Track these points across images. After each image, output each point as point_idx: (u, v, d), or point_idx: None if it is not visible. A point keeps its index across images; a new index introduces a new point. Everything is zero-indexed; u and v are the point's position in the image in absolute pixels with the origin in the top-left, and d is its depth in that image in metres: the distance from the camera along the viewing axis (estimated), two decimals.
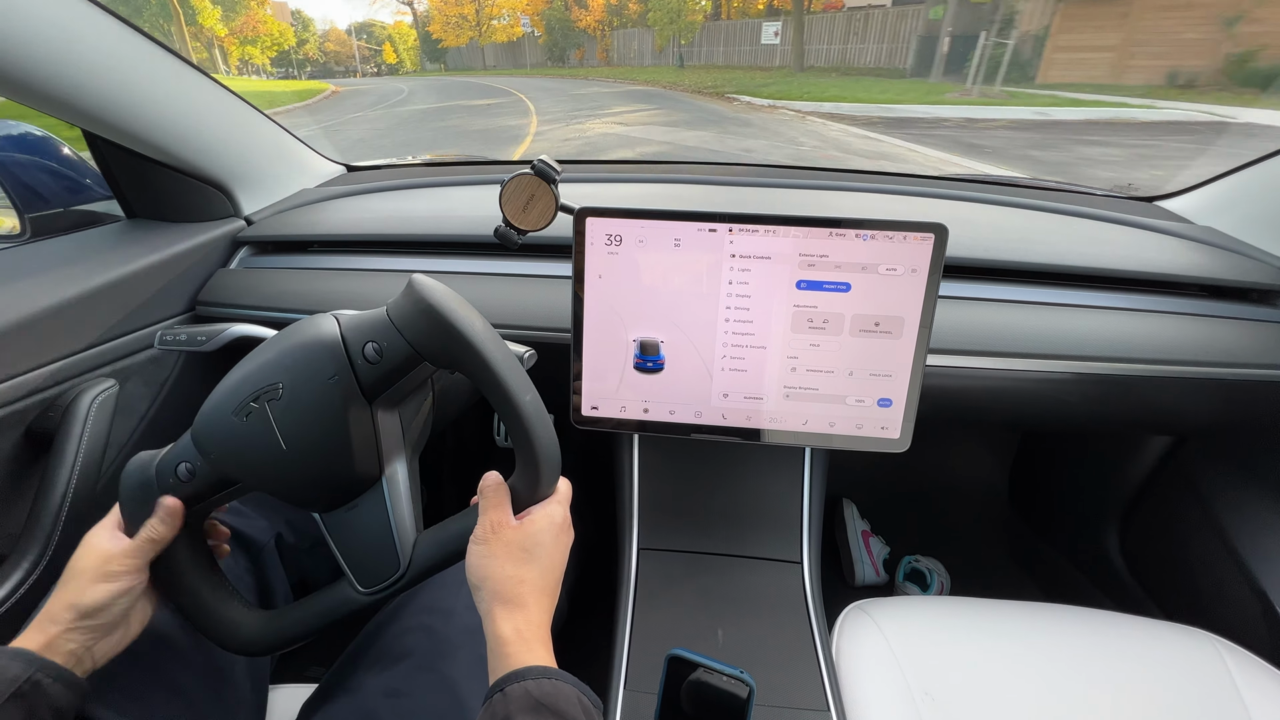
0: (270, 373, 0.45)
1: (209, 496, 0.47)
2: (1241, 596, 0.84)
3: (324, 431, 0.44)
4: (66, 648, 0.42)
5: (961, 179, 1.08)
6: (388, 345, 0.44)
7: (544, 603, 0.43)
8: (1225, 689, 0.61)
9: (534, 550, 0.43)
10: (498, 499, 0.44)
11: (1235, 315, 0.77)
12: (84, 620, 0.42)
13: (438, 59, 45.77)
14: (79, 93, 0.66)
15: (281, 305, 0.80)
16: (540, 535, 0.44)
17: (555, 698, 0.37)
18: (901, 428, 0.63)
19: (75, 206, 0.93)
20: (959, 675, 0.62)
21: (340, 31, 68.15)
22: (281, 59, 61.58)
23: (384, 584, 0.46)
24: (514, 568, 0.42)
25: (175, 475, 0.46)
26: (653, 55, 25.51)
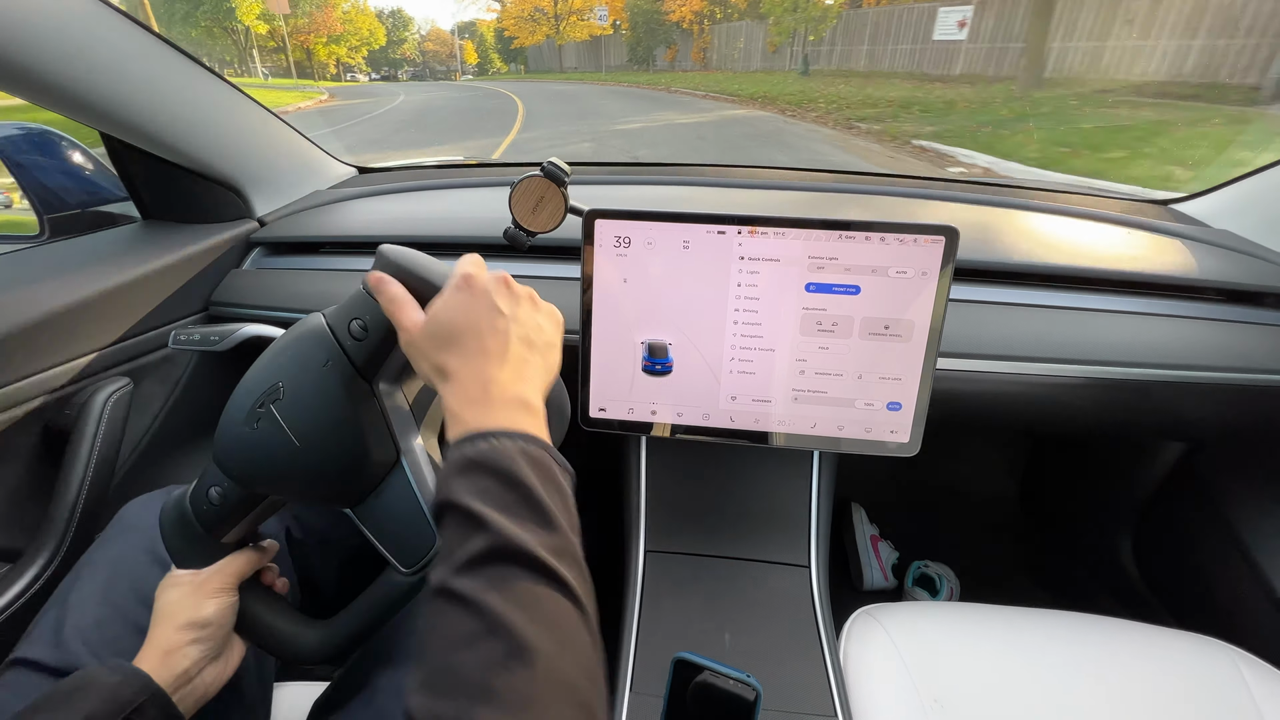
0: (268, 376, 0.46)
1: (244, 515, 0.48)
2: (1258, 605, 0.83)
3: (332, 419, 0.45)
4: (181, 666, 0.44)
5: (972, 181, 1.07)
6: (370, 318, 0.45)
7: (471, 364, 0.39)
8: (1241, 700, 0.60)
9: (442, 326, 0.41)
10: (396, 306, 0.42)
11: (1252, 320, 0.75)
12: (201, 632, 0.45)
13: (514, 59, 42.65)
14: (96, 94, 0.67)
15: (294, 306, 0.80)
16: (442, 310, 0.41)
17: (488, 454, 0.35)
18: (911, 432, 0.63)
19: (92, 208, 0.94)
20: (968, 683, 0.61)
21: (442, 31, 65.40)
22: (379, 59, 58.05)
23: (425, 559, 0.47)
24: (433, 351, 0.40)
25: (208, 501, 0.47)
26: (763, 56, 19.33)
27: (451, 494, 0.34)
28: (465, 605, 0.30)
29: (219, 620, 0.47)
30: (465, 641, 0.29)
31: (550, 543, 0.33)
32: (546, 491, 0.35)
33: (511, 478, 0.34)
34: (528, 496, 0.34)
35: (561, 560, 0.33)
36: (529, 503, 0.34)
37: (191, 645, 0.45)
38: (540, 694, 0.28)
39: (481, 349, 0.40)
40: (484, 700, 0.27)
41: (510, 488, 0.34)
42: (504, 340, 0.41)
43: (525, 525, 0.33)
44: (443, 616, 0.30)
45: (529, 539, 0.32)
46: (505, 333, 0.41)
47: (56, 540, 0.66)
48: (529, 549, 0.32)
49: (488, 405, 0.38)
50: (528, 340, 0.42)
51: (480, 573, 0.31)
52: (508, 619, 0.29)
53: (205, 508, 0.47)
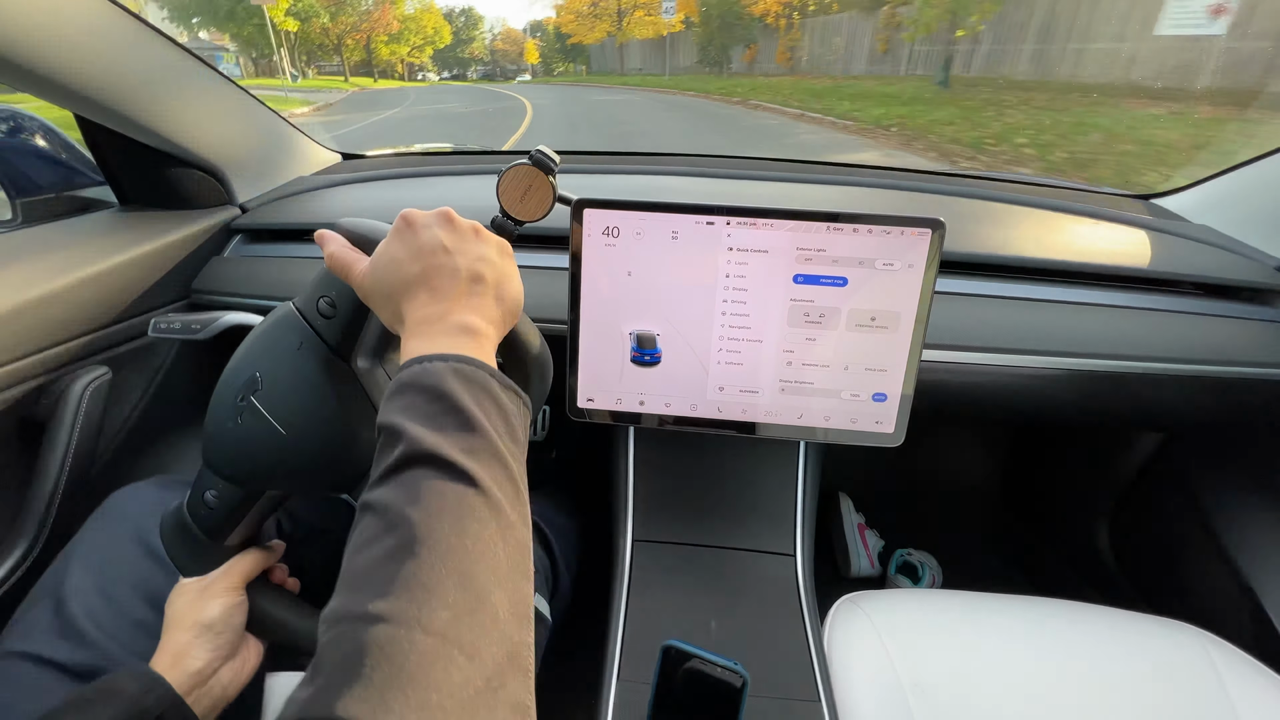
0: (244, 368, 0.45)
1: (243, 515, 0.48)
2: (1227, 591, 0.85)
3: (313, 401, 0.44)
4: (194, 666, 0.44)
5: (959, 175, 1.08)
6: (337, 293, 0.44)
7: (416, 299, 0.40)
8: (1211, 682, 0.62)
9: (386, 273, 0.41)
10: (344, 269, 0.43)
11: (1229, 314, 0.77)
12: (209, 632, 0.46)
13: (575, 58, 39.08)
14: (70, 75, 0.65)
15: (276, 294, 0.79)
16: (383, 256, 0.41)
17: (417, 375, 0.35)
18: (896, 422, 0.63)
19: (67, 192, 0.92)
20: (948, 667, 0.63)
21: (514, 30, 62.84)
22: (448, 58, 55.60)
23: None
24: (386, 299, 0.41)
25: (205, 506, 0.47)
26: (870, 58, 14.42)
27: (381, 416, 0.34)
28: (373, 511, 0.30)
29: (226, 620, 0.47)
30: (368, 542, 0.29)
31: (465, 444, 0.33)
32: (475, 400, 0.35)
33: (436, 391, 0.34)
34: (450, 406, 0.34)
35: (476, 458, 0.32)
36: (450, 410, 0.34)
37: (201, 647, 0.45)
38: (426, 576, 0.27)
39: (428, 286, 0.40)
40: (370, 587, 0.27)
41: (433, 400, 0.34)
42: (449, 275, 0.40)
43: (441, 431, 0.33)
44: (358, 528, 0.31)
45: (440, 441, 0.32)
46: (450, 267, 0.41)
47: (34, 531, 0.65)
48: (436, 449, 0.32)
49: (430, 336, 0.38)
50: (474, 273, 0.41)
51: (391, 480, 0.31)
52: (405, 515, 0.29)
53: (203, 513, 0.47)
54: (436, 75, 53.43)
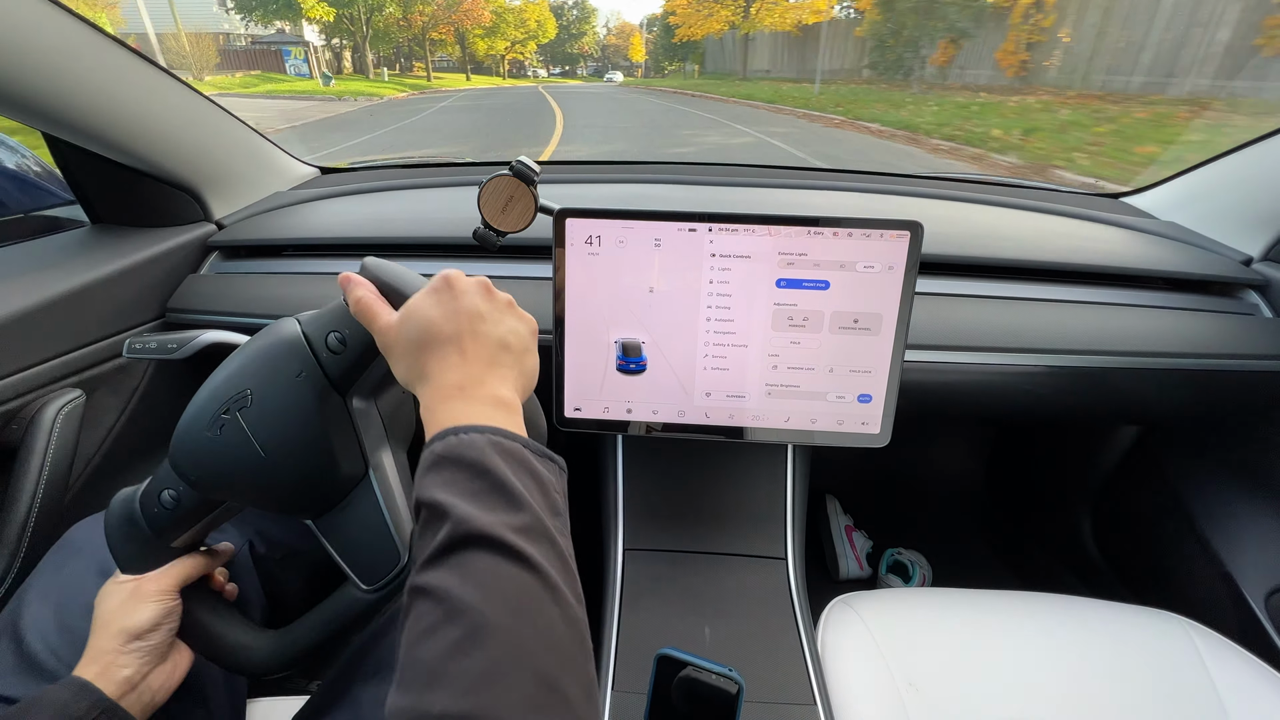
0: (237, 381, 0.44)
1: (197, 521, 0.46)
2: (1208, 578, 0.87)
3: (300, 431, 0.43)
4: (122, 674, 0.42)
5: (935, 177, 1.10)
6: (350, 332, 0.44)
7: (448, 361, 0.39)
8: (1194, 668, 0.63)
9: (418, 329, 0.40)
10: (369, 312, 0.42)
11: (1197, 307, 0.79)
12: (135, 642, 0.43)
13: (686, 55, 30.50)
14: (38, 94, 0.64)
15: (255, 311, 0.78)
16: (415, 312, 0.41)
17: (456, 448, 0.34)
18: (881, 423, 0.64)
19: (36, 212, 0.90)
20: (940, 665, 0.63)
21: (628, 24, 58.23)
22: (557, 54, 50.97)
23: (387, 578, 0.45)
24: (411, 353, 0.40)
25: (160, 504, 0.45)
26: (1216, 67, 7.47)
27: (423, 491, 0.34)
28: (429, 596, 0.29)
29: (156, 626, 0.45)
30: (428, 632, 0.28)
31: (515, 522, 0.32)
32: (517, 476, 0.34)
33: (478, 466, 0.34)
34: (495, 482, 0.33)
35: (527, 537, 0.32)
36: (496, 488, 0.33)
37: (130, 654, 0.43)
38: (496, 670, 0.27)
39: (459, 349, 0.40)
40: (441, 685, 0.26)
41: (477, 476, 0.33)
42: (482, 342, 0.40)
43: (489, 508, 0.32)
44: (413, 614, 0.30)
45: (491, 520, 0.31)
46: (484, 335, 0.41)
47: (6, 561, 0.63)
48: (489, 530, 0.31)
49: (463, 403, 0.37)
50: (505, 343, 0.42)
51: (444, 562, 0.30)
52: (465, 601, 0.28)
53: (156, 510, 0.45)
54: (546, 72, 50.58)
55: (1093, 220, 0.95)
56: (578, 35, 52.89)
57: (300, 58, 25.23)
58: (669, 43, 31.81)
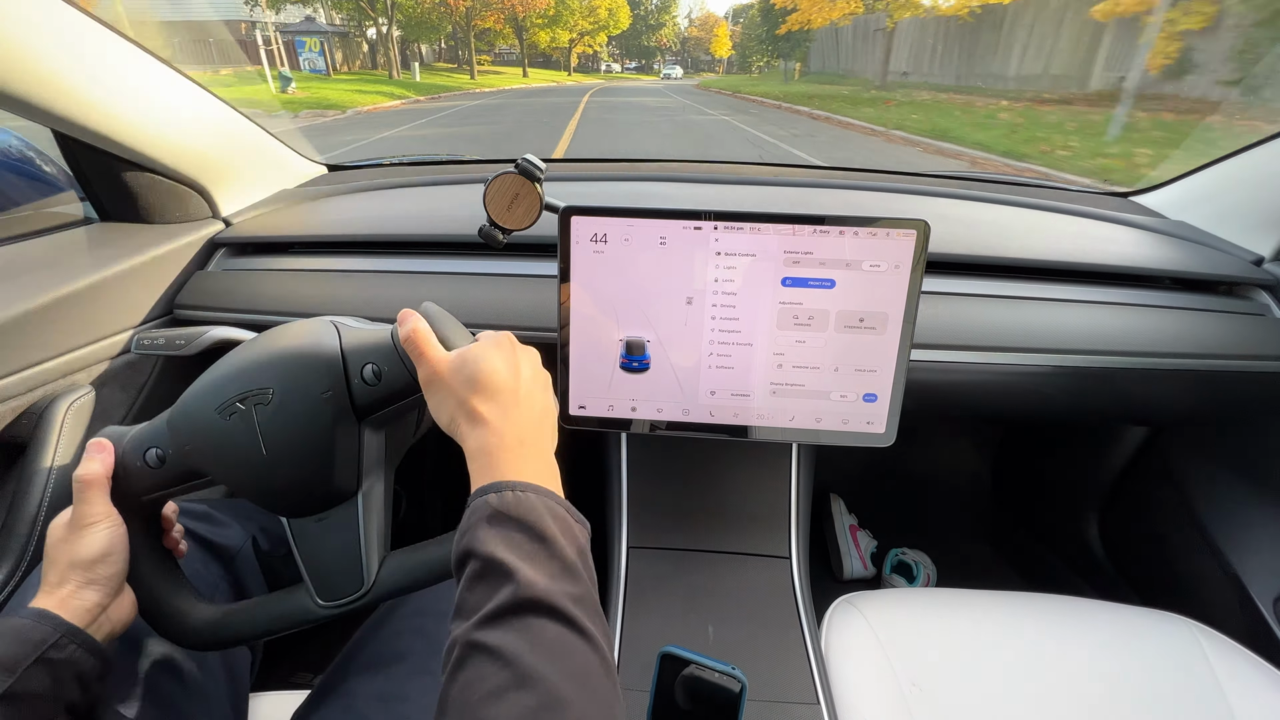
0: (262, 376, 0.44)
1: (174, 486, 0.45)
2: (1216, 581, 0.86)
3: (308, 444, 0.44)
4: (82, 605, 0.41)
5: (942, 175, 1.10)
6: (389, 370, 0.44)
7: (506, 412, 0.41)
8: (1202, 672, 0.62)
9: (477, 373, 0.41)
10: (420, 347, 0.43)
11: (1207, 308, 0.78)
12: (89, 573, 0.42)
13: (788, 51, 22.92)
14: (48, 92, 0.64)
15: (262, 308, 0.79)
16: (480, 357, 0.42)
17: (515, 506, 0.36)
18: (887, 422, 0.64)
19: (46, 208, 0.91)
20: (945, 665, 0.63)
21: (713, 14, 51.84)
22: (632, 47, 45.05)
23: (344, 600, 0.45)
24: (458, 394, 0.41)
25: (144, 460, 0.44)
26: None
27: (480, 543, 0.35)
28: (495, 658, 0.30)
29: (104, 556, 0.43)
30: (496, 695, 0.29)
31: (575, 592, 0.34)
32: (570, 544, 0.36)
33: (537, 531, 0.35)
34: (555, 551, 0.35)
35: (585, 610, 0.33)
36: (555, 556, 0.35)
37: (84, 587, 0.42)
38: None
39: (517, 404, 0.42)
40: None
41: (535, 539, 0.35)
42: (536, 402, 0.43)
43: (550, 575, 0.34)
44: (473, 670, 0.30)
45: (554, 588, 0.33)
46: (537, 396, 0.44)
47: (17, 556, 0.64)
48: (554, 599, 0.32)
49: (522, 458, 0.40)
50: (548, 409, 0.45)
51: (509, 624, 0.31)
52: (538, 670, 0.29)
53: (138, 465, 0.44)
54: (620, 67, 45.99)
55: (1102, 219, 0.95)
56: (656, 26, 47.37)
57: (315, 50, 20.83)
58: (769, 34, 22.76)
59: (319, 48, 20.68)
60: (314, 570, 0.46)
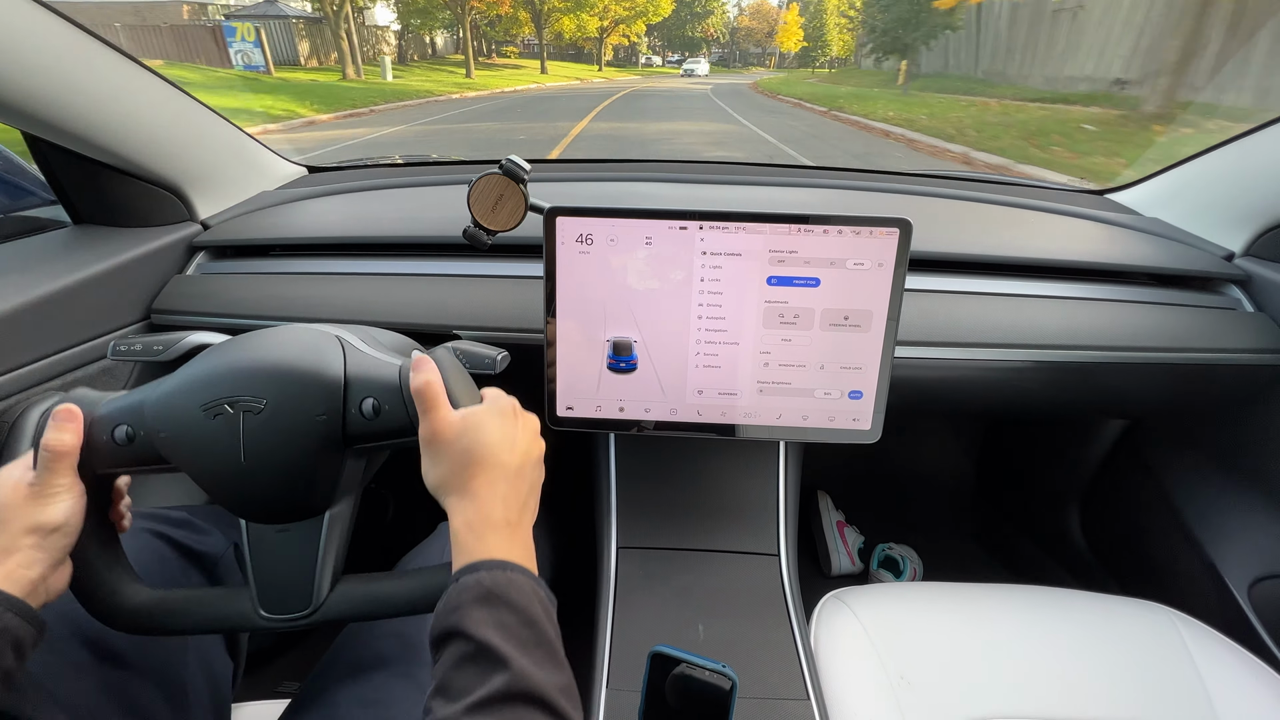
0: (257, 384, 0.43)
1: (136, 466, 0.44)
2: (1193, 569, 0.88)
3: (289, 461, 0.43)
4: (28, 576, 0.40)
5: (923, 175, 1.11)
6: (388, 409, 0.43)
7: (495, 490, 0.41)
8: (1180, 658, 0.64)
9: (478, 443, 0.42)
10: (430, 403, 0.43)
11: (1181, 302, 0.80)
12: (43, 541, 0.40)
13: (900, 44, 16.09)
14: (17, 93, 0.63)
15: (242, 312, 0.77)
16: (482, 427, 0.42)
17: (507, 588, 0.37)
18: (873, 419, 0.64)
19: (17, 213, 0.88)
20: (932, 658, 0.64)
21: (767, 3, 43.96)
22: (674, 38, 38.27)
23: (287, 616, 0.45)
24: (459, 464, 0.41)
25: (111, 436, 0.43)
26: None
27: (472, 625, 0.35)
28: None
29: (62, 526, 0.41)
30: None
31: (561, 683, 0.35)
32: (553, 629, 0.37)
33: (527, 616, 0.36)
34: (543, 637, 0.36)
35: (569, 699, 0.35)
36: (543, 644, 0.36)
37: (40, 553, 0.40)
38: None
39: (510, 482, 0.42)
40: None
41: (526, 625, 0.36)
42: (527, 482, 0.44)
43: (540, 664, 0.35)
44: None
45: (545, 680, 0.34)
46: (529, 477, 0.44)
47: None
48: (545, 693, 0.33)
49: (510, 539, 0.40)
50: (536, 487, 0.46)
51: (501, 714, 0.32)
52: None
53: (105, 439, 0.43)
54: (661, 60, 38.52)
55: (1077, 217, 0.96)
56: (702, 15, 40.68)
57: (250, 39, 14.42)
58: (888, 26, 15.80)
59: (254, 36, 14.37)
60: (263, 579, 0.45)
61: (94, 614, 0.45)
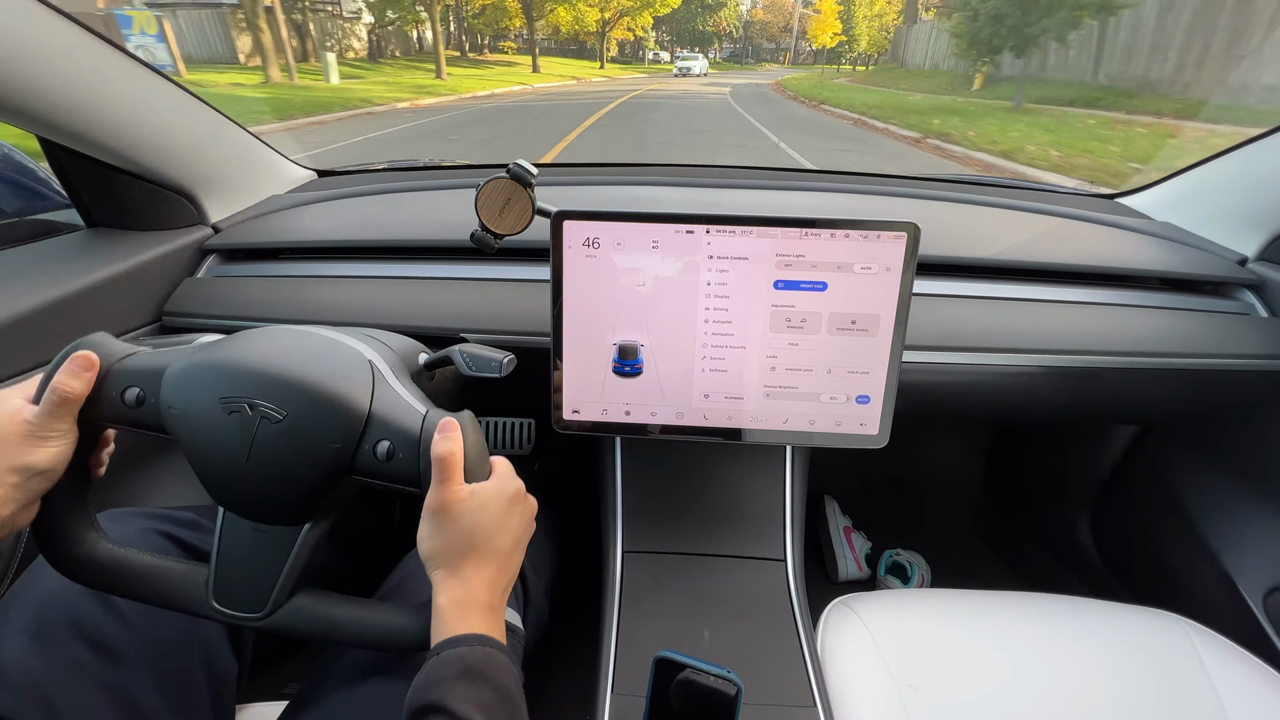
0: (282, 395, 0.43)
1: (136, 428, 0.44)
2: (1206, 578, 0.87)
3: (290, 475, 0.43)
4: (4, 511, 0.40)
5: (931, 178, 1.10)
6: (402, 458, 0.44)
7: (484, 573, 0.43)
8: (1194, 668, 0.63)
9: (480, 526, 0.43)
10: (446, 474, 0.43)
11: (1192, 307, 0.79)
12: (27, 481, 0.40)
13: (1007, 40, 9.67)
14: (32, 99, 0.63)
15: (252, 314, 0.78)
16: (487, 510, 0.44)
17: (487, 664, 0.38)
18: (880, 424, 0.64)
19: (31, 216, 0.89)
20: (940, 666, 0.63)
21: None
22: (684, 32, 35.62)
23: (236, 614, 0.45)
24: (458, 542, 0.43)
25: (121, 395, 0.43)
26: None
27: (453, 700, 0.36)
28: None
29: (49, 470, 0.41)
30: None
31: None
32: (524, 708, 0.39)
33: (506, 694, 0.38)
34: (517, 715, 0.38)
35: None
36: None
37: (16, 490, 0.40)
38: None
39: (498, 568, 0.45)
40: None
41: (504, 703, 0.37)
42: (511, 568, 0.47)
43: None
44: None
45: None
46: (515, 562, 0.47)
47: (2, 566, 0.63)
48: None
49: (491, 620, 0.43)
50: (519, 570, 0.48)
51: None
52: None
53: (112, 395, 0.43)
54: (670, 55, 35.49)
55: (1088, 221, 0.96)
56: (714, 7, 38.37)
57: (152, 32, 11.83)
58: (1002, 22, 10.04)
59: (156, 29, 11.94)
60: (225, 570, 0.45)
61: (52, 561, 0.45)
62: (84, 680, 0.46)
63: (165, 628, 0.53)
